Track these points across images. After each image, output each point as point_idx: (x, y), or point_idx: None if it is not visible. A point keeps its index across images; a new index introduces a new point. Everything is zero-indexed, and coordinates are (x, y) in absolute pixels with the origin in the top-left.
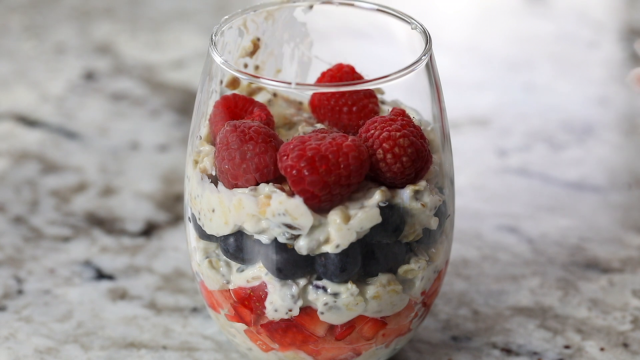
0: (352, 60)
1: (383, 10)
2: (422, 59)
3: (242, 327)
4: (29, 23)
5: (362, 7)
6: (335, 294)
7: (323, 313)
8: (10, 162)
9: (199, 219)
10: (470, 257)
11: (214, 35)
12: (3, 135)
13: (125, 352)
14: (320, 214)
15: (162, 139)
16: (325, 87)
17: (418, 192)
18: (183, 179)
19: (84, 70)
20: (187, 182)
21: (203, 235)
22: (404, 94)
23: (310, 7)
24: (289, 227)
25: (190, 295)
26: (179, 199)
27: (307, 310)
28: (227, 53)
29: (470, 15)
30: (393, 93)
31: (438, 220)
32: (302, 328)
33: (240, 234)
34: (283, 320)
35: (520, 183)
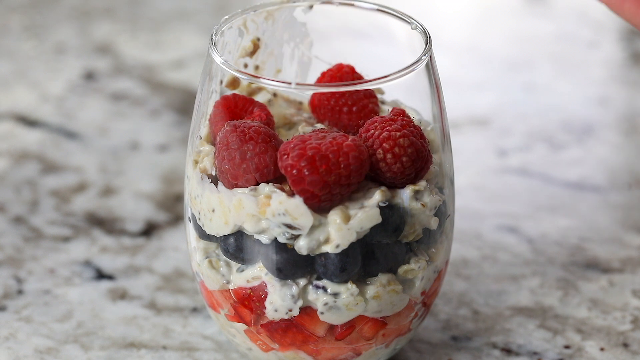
0: (352, 60)
1: (383, 10)
2: (422, 59)
3: (242, 327)
4: (29, 23)
5: (362, 7)
6: (335, 294)
7: (323, 313)
8: (10, 162)
9: (199, 219)
10: (470, 257)
11: (214, 35)
12: (3, 135)
13: (125, 352)
14: (320, 214)
15: (162, 139)
16: (325, 87)
17: (418, 192)
18: (183, 179)
19: (84, 70)
20: (187, 182)
21: (203, 235)
22: (404, 94)
23: (310, 7)
24: (289, 227)
25: (190, 295)
26: (179, 199)
27: (307, 310)
28: (227, 53)
29: (470, 15)
30: (393, 93)
31: (438, 220)
32: (302, 328)
33: (240, 234)
34: (283, 320)
35: (520, 183)
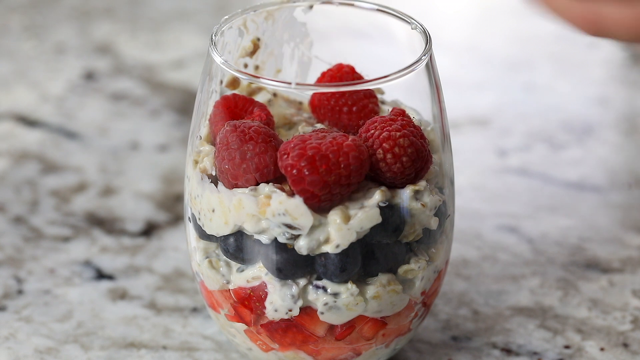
0: (352, 60)
1: (383, 10)
2: (422, 59)
3: (242, 327)
4: (29, 23)
5: (362, 7)
6: (335, 294)
7: (323, 313)
8: (10, 162)
9: (199, 219)
10: (470, 257)
11: (214, 35)
12: (3, 135)
13: (125, 352)
14: (320, 214)
15: (162, 139)
16: (325, 87)
17: (418, 192)
18: (183, 179)
19: (84, 70)
20: (187, 182)
21: (203, 235)
22: (404, 94)
23: (310, 7)
24: (289, 227)
25: (190, 295)
26: (179, 199)
27: (307, 310)
28: (227, 53)
29: (470, 15)
30: (393, 93)
31: (438, 220)
32: (302, 328)
33: (240, 234)
34: (283, 320)
35: (520, 183)
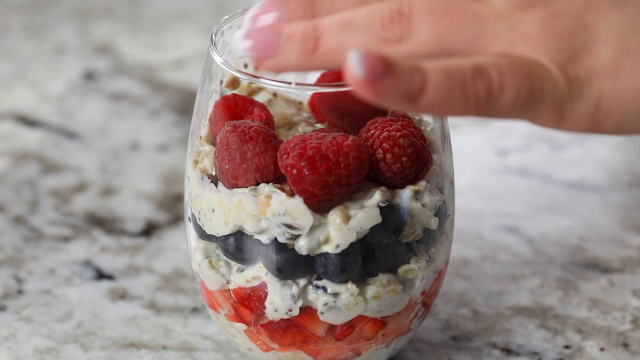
0: None
1: None
2: None
3: (242, 327)
4: (29, 23)
5: None
6: (335, 294)
7: (323, 313)
8: (10, 162)
9: (199, 219)
10: (470, 257)
11: (214, 35)
12: (3, 135)
13: (125, 352)
14: (320, 214)
15: (162, 139)
16: (325, 87)
17: (418, 192)
18: (183, 179)
19: (84, 70)
20: (187, 182)
21: (203, 235)
22: None
23: None
24: (289, 227)
25: (190, 295)
26: (179, 199)
27: (307, 310)
28: (227, 53)
29: None
30: None
31: (438, 220)
32: (302, 328)
33: (240, 234)
34: (283, 320)
35: (520, 183)
